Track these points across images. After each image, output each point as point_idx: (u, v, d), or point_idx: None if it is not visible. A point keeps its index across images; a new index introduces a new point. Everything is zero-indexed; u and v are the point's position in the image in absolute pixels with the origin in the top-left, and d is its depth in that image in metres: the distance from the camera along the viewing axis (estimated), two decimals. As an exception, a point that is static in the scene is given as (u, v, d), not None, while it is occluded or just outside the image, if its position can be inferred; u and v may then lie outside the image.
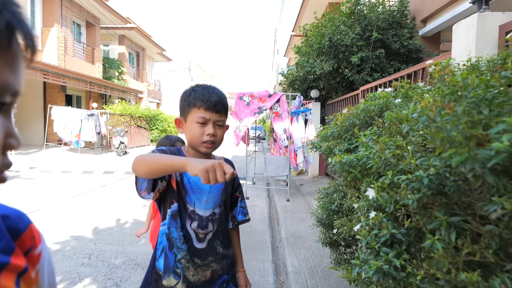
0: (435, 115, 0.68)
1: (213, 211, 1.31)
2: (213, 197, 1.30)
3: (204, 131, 1.22)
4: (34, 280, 0.52)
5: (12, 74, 0.38)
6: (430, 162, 0.87)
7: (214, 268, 1.31)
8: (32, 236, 0.55)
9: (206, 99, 1.22)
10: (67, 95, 16.54)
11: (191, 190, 1.26)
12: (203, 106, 1.21)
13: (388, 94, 1.51)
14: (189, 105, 1.24)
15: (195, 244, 1.28)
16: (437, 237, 0.82)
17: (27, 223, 0.55)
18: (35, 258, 0.54)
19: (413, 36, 7.49)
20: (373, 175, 1.30)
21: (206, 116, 1.21)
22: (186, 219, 1.28)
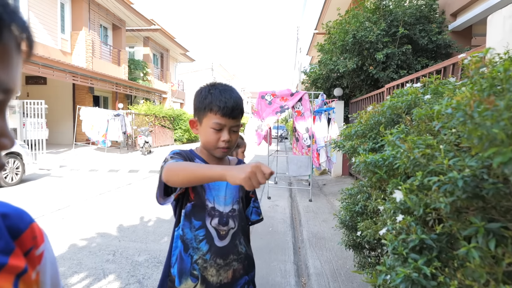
0: (473, 111, 0.61)
1: (232, 207, 1.28)
2: (231, 193, 1.28)
3: (220, 137, 1.20)
4: (34, 281, 0.50)
5: (3, 70, 0.36)
6: (465, 162, 0.80)
7: (235, 267, 1.27)
8: (33, 236, 0.53)
9: (223, 105, 1.18)
10: (94, 96, 17.08)
11: (208, 187, 1.24)
12: (220, 112, 1.18)
13: (417, 90, 1.43)
14: (205, 109, 1.21)
15: (216, 242, 1.24)
16: (473, 244, 0.75)
17: (28, 222, 0.53)
18: (36, 259, 0.52)
19: (442, 31, 7.19)
20: (400, 176, 1.23)
21: (222, 122, 1.19)
22: (206, 217, 1.24)
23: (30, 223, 0.54)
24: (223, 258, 1.24)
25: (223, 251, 1.24)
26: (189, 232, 1.23)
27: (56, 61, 11.60)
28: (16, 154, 7.23)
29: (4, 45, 0.36)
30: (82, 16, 14.99)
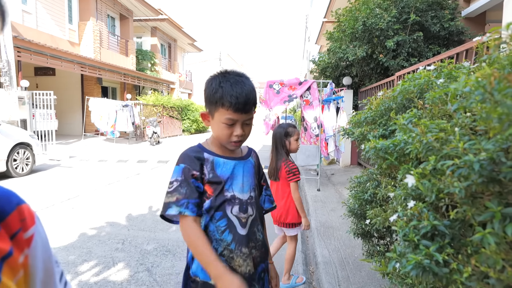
0: (493, 88, 0.57)
1: (250, 194, 1.27)
2: (248, 180, 1.28)
3: (233, 132, 1.18)
4: (21, 265, 0.49)
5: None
6: (481, 145, 0.76)
7: (254, 255, 1.26)
8: (21, 219, 0.51)
9: (235, 100, 1.13)
10: (103, 87, 17.17)
11: (228, 177, 1.24)
12: (232, 108, 1.14)
13: (430, 73, 1.38)
14: (216, 103, 1.16)
15: (239, 231, 1.22)
16: (489, 230, 0.72)
17: (16, 204, 0.51)
18: (24, 242, 0.50)
19: (455, 17, 7.00)
20: (411, 161, 1.19)
21: (234, 117, 1.16)
22: (226, 206, 1.22)
23: (18, 205, 0.52)
24: (247, 246, 1.23)
25: (246, 239, 1.23)
26: (211, 225, 1.20)
27: (64, 51, 11.65)
28: (26, 145, 7.33)
29: None
30: (89, 6, 14.98)
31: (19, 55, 9.82)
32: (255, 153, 1.43)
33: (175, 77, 25.05)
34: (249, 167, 1.31)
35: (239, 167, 1.27)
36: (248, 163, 1.32)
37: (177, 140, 16.81)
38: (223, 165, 1.24)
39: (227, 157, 1.26)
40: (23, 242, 0.50)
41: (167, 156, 10.64)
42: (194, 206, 1.17)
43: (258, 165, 1.40)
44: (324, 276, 3.00)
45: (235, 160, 1.27)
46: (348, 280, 2.90)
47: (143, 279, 2.91)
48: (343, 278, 2.95)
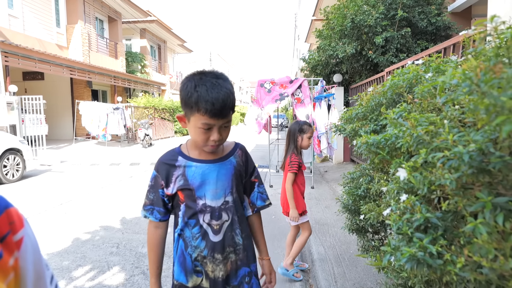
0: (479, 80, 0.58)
1: (224, 199, 1.25)
2: (223, 185, 1.25)
3: (209, 136, 1.15)
4: (12, 267, 0.49)
5: None
6: (470, 137, 0.77)
7: (232, 259, 1.27)
8: (9, 222, 0.51)
9: (211, 106, 1.08)
10: (93, 90, 16.99)
11: (199, 184, 1.23)
12: (208, 114, 1.09)
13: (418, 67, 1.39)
14: (192, 108, 1.12)
15: (212, 238, 1.24)
16: (480, 220, 0.73)
17: (4, 207, 0.51)
18: (13, 245, 0.50)
19: (441, 13, 7.09)
20: (403, 155, 1.20)
21: (211, 122, 1.12)
22: (198, 215, 1.24)
23: (6, 208, 0.52)
24: (221, 252, 1.24)
25: (219, 246, 1.24)
26: (187, 231, 1.25)
27: (53, 55, 11.50)
28: (16, 151, 7.22)
29: None
30: (77, 9, 14.80)
31: (6, 60, 9.66)
32: (242, 149, 1.37)
33: (165, 79, 24.91)
34: (227, 169, 1.27)
35: (213, 171, 1.24)
36: (227, 165, 1.28)
37: (170, 142, 16.71)
38: (195, 171, 1.23)
39: (202, 160, 1.25)
40: (13, 244, 0.50)
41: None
42: (158, 213, 1.28)
43: (243, 163, 1.34)
44: (321, 273, 3.01)
45: (209, 164, 1.25)
46: (344, 276, 2.92)
47: (139, 282, 2.89)
48: (339, 275, 2.96)
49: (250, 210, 1.39)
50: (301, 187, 2.93)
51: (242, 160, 1.34)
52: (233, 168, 1.29)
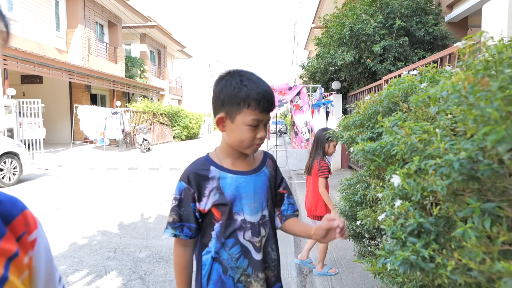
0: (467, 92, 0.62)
1: (262, 213, 1.17)
2: (260, 198, 1.16)
3: (256, 134, 1.08)
4: (26, 265, 0.52)
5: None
6: (461, 145, 0.81)
7: (269, 276, 1.19)
8: (26, 223, 0.54)
9: (262, 99, 1.04)
10: (92, 94, 17.03)
11: (238, 197, 1.13)
12: (259, 108, 1.04)
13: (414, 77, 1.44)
14: (239, 104, 1.05)
15: (254, 256, 1.15)
16: (470, 225, 0.76)
17: (21, 209, 0.55)
18: (29, 244, 0.54)
19: (438, 23, 7.19)
20: (398, 162, 1.24)
21: (260, 118, 1.06)
22: (237, 233, 1.13)
23: (23, 210, 0.55)
24: (263, 271, 1.16)
25: (261, 264, 1.16)
26: (224, 253, 1.14)
27: (52, 59, 11.54)
28: (13, 154, 7.22)
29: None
30: (77, 14, 14.89)
31: (5, 63, 9.70)
32: (271, 159, 1.30)
33: (165, 84, 24.99)
34: (262, 181, 1.19)
35: (250, 184, 1.15)
36: (261, 176, 1.20)
37: (168, 147, 16.73)
38: (231, 183, 1.13)
39: (237, 171, 1.15)
40: (28, 244, 0.53)
41: (158, 163, 10.59)
42: (188, 230, 1.14)
43: (274, 173, 1.27)
44: (317, 279, 3.03)
45: (245, 176, 1.15)
46: (341, 282, 2.94)
47: (136, 287, 2.90)
48: (336, 280, 2.98)
49: (279, 221, 1.28)
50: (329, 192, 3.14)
51: (273, 170, 1.26)
52: (267, 180, 1.21)
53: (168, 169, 9.50)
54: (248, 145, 1.09)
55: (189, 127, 21.42)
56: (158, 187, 7.08)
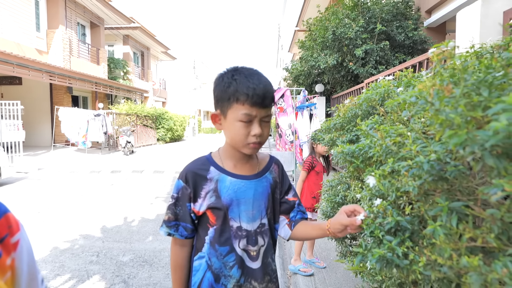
0: (433, 98, 0.67)
1: (260, 221, 1.11)
2: (259, 206, 1.11)
3: (250, 131, 1.01)
4: (9, 266, 0.53)
5: None
6: (431, 148, 0.86)
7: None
8: (8, 225, 0.56)
9: (252, 92, 0.98)
10: (73, 96, 16.68)
11: (234, 202, 1.08)
12: (249, 101, 0.98)
13: (390, 82, 1.50)
14: (229, 99, 1.01)
15: (249, 264, 1.10)
16: (439, 223, 0.81)
17: (3, 212, 0.57)
18: (11, 246, 0.55)
19: (418, 27, 7.41)
20: (375, 164, 1.29)
21: (252, 113, 1.00)
22: (232, 239, 1.09)
23: (5, 213, 0.57)
24: (259, 281, 1.11)
25: (258, 273, 1.11)
26: (217, 261, 1.09)
27: (32, 60, 11.26)
28: (-8, 157, 7.01)
29: None
30: (58, 14, 14.59)
31: (-18, 64, 9.42)
32: (277, 164, 1.22)
33: (148, 86, 24.72)
34: (263, 187, 1.13)
35: (250, 190, 1.09)
36: (263, 182, 1.13)
37: (152, 149, 16.54)
38: (229, 187, 1.08)
39: (237, 175, 1.10)
40: (10, 246, 0.55)
41: (142, 165, 10.47)
42: (184, 229, 1.11)
43: (280, 179, 1.20)
44: (301, 279, 3.07)
45: (246, 180, 1.10)
46: (324, 282, 2.99)
47: (120, 290, 2.87)
48: (319, 280, 3.03)
49: (288, 229, 1.19)
50: (312, 187, 3.26)
51: (278, 176, 1.19)
52: (269, 186, 1.14)
53: (152, 171, 9.41)
54: (242, 143, 1.03)
55: (174, 129, 21.24)
56: (142, 190, 7.00)
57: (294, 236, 1.19)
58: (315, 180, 3.29)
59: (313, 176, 3.29)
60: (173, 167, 9.94)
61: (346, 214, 1.03)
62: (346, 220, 1.01)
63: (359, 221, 1.00)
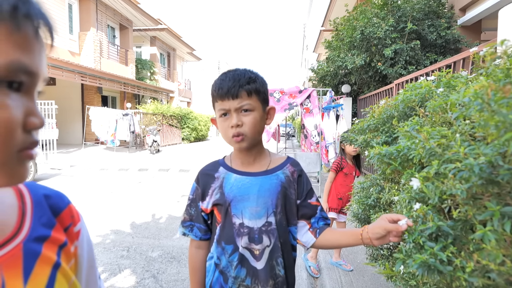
0: (490, 99, 0.64)
1: (266, 220, 1.07)
2: (265, 203, 1.07)
3: (228, 124, 1.04)
4: (73, 254, 0.57)
5: (23, 54, 0.40)
6: (480, 150, 0.83)
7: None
8: (71, 215, 0.60)
9: (218, 87, 1.04)
10: (103, 96, 17.26)
11: (237, 198, 1.07)
12: (218, 96, 1.04)
13: (430, 83, 1.46)
14: (212, 101, 1.08)
15: (252, 263, 1.07)
16: (489, 228, 0.78)
17: (67, 203, 0.61)
18: (74, 235, 0.59)
19: (451, 26, 7.15)
20: (414, 166, 1.26)
21: (224, 106, 1.03)
22: (235, 237, 1.07)
23: (68, 204, 0.61)
24: (263, 282, 1.06)
25: (263, 275, 1.06)
26: (224, 260, 1.08)
27: (65, 61, 11.75)
28: (29, 154, 7.37)
29: (23, 32, 0.40)
30: (90, 17, 15.15)
31: (21, 65, 9.89)
32: (294, 165, 1.16)
33: (174, 86, 25.21)
34: (272, 184, 1.09)
35: (254, 186, 1.07)
36: (272, 180, 1.09)
37: (177, 149, 16.86)
38: (234, 183, 1.08)
39: (243, 172, 1.10)
40: (74, 235, 0.59)
41: (168, 164, 10.69)
42: (198, 230, 1.14)
43: (294, 180, 1.13)
44: (328, 281, 3.04)
45: (251, 176, 1.09)
46: (351, 285, 2.95)
47: (150, 285, 2.95)
48: (346, 283, 2.99)
49: (312, 236, 1.13)
50: (339, 188, 3.26)
51: (293, 177, 1.13)
52: (280, 185, 1.09)
53: (177, 170, 9.59)
54: (227, 138, 1.06)
55: (198, 129, 21.55)
56: (169, 188, 7.15)
57: (320, 243, 1.13)
58: (342, 182, 3.27)
59: (340, 177, 3.28)
60: (198, 166, 10.09)
61: (388, 221, 0.99)
62: (390, 226, 0.97)
63: (405, 226, 0.97)
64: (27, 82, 0.42)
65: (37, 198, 0.56)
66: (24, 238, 0.50)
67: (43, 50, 0.44)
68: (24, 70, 0.40)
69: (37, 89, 0.45)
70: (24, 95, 0.42)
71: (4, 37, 0.38)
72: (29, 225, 0.52)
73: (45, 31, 0.44)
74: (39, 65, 0.43)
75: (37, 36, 0.42)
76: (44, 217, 0.55)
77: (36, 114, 0.43)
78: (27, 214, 0.53)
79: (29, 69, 0.41)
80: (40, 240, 0.51)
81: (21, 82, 0.41)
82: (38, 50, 0.43)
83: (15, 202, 0.53)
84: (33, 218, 0.53)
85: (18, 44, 0.40)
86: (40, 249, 0.50)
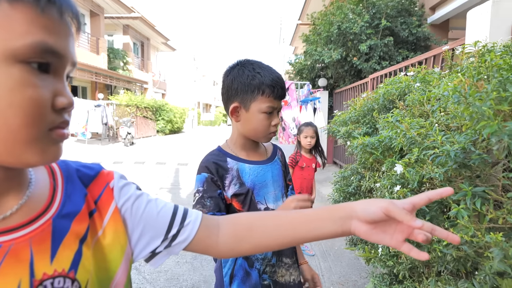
0: (466, 93, 0.75)
1: (282, 200, 1.17)
2: (279, 186, 1.18)
3: (271, 122, 1.08)
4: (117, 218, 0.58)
5: (49, 35, 0.43)
6: (455, 138, 0.95)
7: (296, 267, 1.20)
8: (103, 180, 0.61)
9: (276, 85, 1.05)
10: (73, 86, 16.64)
11: (257, 186, 1.13)
12: (273, 94, 1.05)
13: (409, 78, 1.58)
14: (254, 91, 1.05)
15: None
16: (462, 206, 0.90)
17: (98, 170, 0.62)
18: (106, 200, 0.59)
19: (421, 24, 7.47)
20: (395, 155, 1.38)
21: (274, 105, 1.07)
22: None
23: (99, 171, 0.62)
24: (289, 256, 1.16)
25: (287, 249, 1.14)
26: None
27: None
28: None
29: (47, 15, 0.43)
30: (59, 3, 14.48)
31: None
32: (281, 150, 1.31)
33: (148, 77, 24.65)
34: (278, 169, 1.20)
35: (268, 173, 1.16)
36: (276, 165, 1.20)
37: (152, 141, 16.59)
38: (250, 172, 1.13)
39: (253, 161, 1.15)
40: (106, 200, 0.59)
41: (143, 157, 10.53)
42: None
43: (284, 163, 1.29)
44: (308, 266, 3.18)
45: (262, 165, 1.16)
46: (330, 270, 3.10)
47: (133, 277, 2.96)
48: (325, 269, 3.14)
49: None
50: (297, 182, 3.19)
51: (283, 160, 1.28)
52: (281, 169, 1.23)
53: (154, 163, 9.48)
54: (264, 133, 1.09)
55: (173, 121, 21.25)
56: (145, 181, 7.08)
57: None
58: (300, 175, 3.21)
59: (297, 171, 3.20)
60: (175, 158, 10.02)
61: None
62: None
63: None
64: (55, 63, 0.45)
65: (68, 174, 0.58)
66: (53, 215, 0.52)
67: (70, 35, 0.47)
68: (50, 51, 0.43)
69: (66, 71, 0.48)
70: (53, 76, 0.45)
71: (29, 19, 0.41)
72: (59, 201, 0.54)
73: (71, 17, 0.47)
74: (66, 47, 0.46)
75: (61, 20, 0.45)
76: (75, 193, 0.56)
77: (65, 95, 0.46)
78: (58, 191, 0.55)
79: (55, 50, 0.44)
80: (70, 216, 0.54)
81: (49, 64, 0.44)
82: (64, 34, 0.45)
83: (47, 179, 0.56)
84: (64, 195, 0.55)
85: (43, 26, 0.42)
86: (69, 225, 0.53)
